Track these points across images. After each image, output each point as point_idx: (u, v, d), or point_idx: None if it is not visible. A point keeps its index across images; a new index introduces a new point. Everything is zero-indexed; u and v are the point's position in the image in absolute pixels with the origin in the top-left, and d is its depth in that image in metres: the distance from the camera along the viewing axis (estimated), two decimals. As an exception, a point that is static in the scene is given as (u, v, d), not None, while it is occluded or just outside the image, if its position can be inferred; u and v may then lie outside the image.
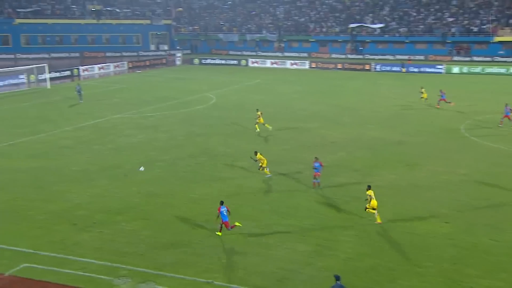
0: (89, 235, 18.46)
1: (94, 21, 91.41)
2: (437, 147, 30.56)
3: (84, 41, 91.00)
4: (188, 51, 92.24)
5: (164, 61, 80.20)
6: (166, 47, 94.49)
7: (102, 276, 15.64)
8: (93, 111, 40.89)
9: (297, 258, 17.03)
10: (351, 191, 23.19)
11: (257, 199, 22.24)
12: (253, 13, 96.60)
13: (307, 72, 69.74)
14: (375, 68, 70.33)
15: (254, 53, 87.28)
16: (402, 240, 18.30)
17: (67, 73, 62.99)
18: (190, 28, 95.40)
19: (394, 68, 69.72)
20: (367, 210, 19.88)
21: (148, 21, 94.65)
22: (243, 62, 77.77)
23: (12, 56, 79.59)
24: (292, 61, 76.49)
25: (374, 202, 19.67)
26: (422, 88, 44.99)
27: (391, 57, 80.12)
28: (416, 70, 68.59)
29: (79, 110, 41.09)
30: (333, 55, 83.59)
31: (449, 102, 41.88)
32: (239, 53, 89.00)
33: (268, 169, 25.29)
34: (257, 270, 16.22)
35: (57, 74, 60.79)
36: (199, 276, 15.80)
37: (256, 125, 34.05)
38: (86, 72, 65.71)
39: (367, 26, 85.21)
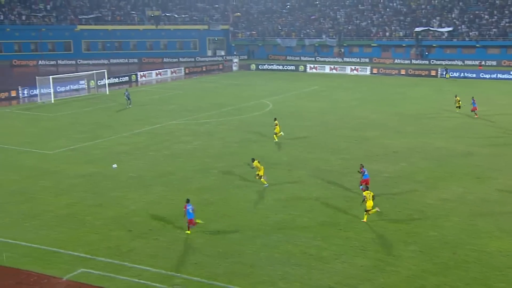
0: (144, 242, 18.94)
1: (153, 27, 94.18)
2: (509, 159, 29.26)
3: (143, 47, 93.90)
4: (245, 57, 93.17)
5: (220, 66, 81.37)
6: (223, 53, 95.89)
7: (157, 284, 15.98)
8: (150, 117, 42.04)
9: (355, 273, 16.75)
10: (413, 204, 22.61)
11: (315, 210, 22.08)
12: (313, 17, 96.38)
13: (368, 79, 68.74)
14: (442, 74, 68.33)
15: (312, 59, 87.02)
16: (470, 258, 17.61)
17: (126, 78, 65.15)
18: (248, 33, 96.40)
19: (464, 74, 67.55)
20: (367, 212, 20.63)
21: (205, 27, 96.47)
22: (301, 67, 77.67)
23: (73, 62, 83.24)
24: (352, 67, 75.64)
25: (370, 203, 20.47)
26: (456, 96, 43.47)
27: (459, 63, 77.70)
28: (488, 76, 66.12)
29: (136, 116, 42.36)
30: (396, 61, 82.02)
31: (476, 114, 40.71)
32: (297, 58, 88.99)
33: (265, 177, 24.94)
34: (313, 284, 16.08)
35: (116, 80, 62.99)
36: (253, 287, 15.84)
37: (274, 135, 33.71)
38: (143, 78, 67.73)
39: (434, 30, 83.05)
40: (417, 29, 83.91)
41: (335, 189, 24.73)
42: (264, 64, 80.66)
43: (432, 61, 79.88)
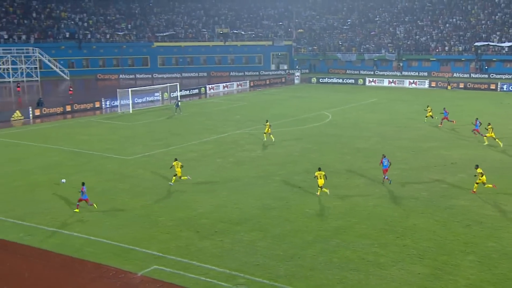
0: (210, 243, 19.18)
1: (221, 43, 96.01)
2: None
3: (212, 62, 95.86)
4: (307, 71, 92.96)
5: (283, 80, 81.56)
6: (285, 67, 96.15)
7: (222, 283, 16.12)
8: (217, 126, 42.73)
9: (413, 280, 16.17)
10: (471, 215, 21.60)
11: (372, 217, 21.57)
12: (373, 33, 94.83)
13: (426, 92, 66.64)
14: (502, 88, 65.17)
15: (371, 72, 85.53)
16: (530, 271, 16.56)
17: (195, 91, 66.64)
18: (310, 48, 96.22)
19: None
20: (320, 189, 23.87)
21: (270, 42, 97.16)
22: (360, 81, 76.47)
23: (149, 75, 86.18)
24: (411, 80, 73.59)
25: (320, 181, 24.02)
26: (428, 106, 44.17)
27: (519, 77, 73.90)
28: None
29: (205, 125, 43.18)
30: (456, 74, 79.05)
31: (452, 121, 41.24)
32: (356, 72, 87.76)
33: (189, 177, 26.26)
34: (370, 290, 15.67)
35: (187, 92, 64.55)
36: (312, 290, 15.64)
37: (264, 135, 36.11)
38: (212, 90, 69.00)
39: (494, 45, 79.47)
40: (477, 43, 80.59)
41: (393, 198, 24.06)
42: (325, 78, 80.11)
43: (492, 75, 76.37)
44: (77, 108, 51.72)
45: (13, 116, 46.52)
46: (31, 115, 47.61)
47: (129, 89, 53.02)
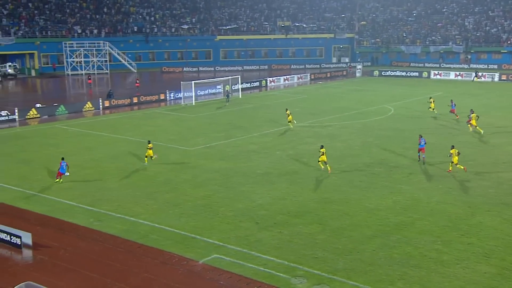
0: (269, 234, 19.29)
1: (283, 36, 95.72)
2: None
3: (273, 55, 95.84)
4: (369, 63, 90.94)
5: (344, 73, 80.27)
6: (347, 60, 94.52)
7: (281, 274, 16.18)
8: (278, 119, 42.72)
9: (478, 279, 15.51)
10: (544, 216, 20.37)
11: (435, 214, 20.87)
12: (439, 24, 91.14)
13: (496, 85, 63.37)
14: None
15: (437, 65, 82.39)
16: None
17: (256, 84, 66.91)
18: (372, 41, 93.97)
19: None
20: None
21: (331, 35, 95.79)
22: (425, 74, 73.87)
23: (212, 68, 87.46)
24: (479, 73, 70.17)
25: (323, 157, 26.67)
26: (430, 97, 44.14)
27: None
28: None
29: (265, 117, 43.33)
30: (528, 66, 74.65)
31: (456, 115, 40.76)
32: (421, 65, 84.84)
33: (156, 155, 28.08)
34: (433, 287, 15.19)
35: (248, 85, 64.95)
36: (371, 285, 15.38)
37: (289, 123, 37.93)
38: (272, 83, 69.05)
39: None
40: (552, 33, 75.59)
41: (458, 194, 23.15)
42: (387, 71, 78.04)
43: None
44: (143, 100, 53.43)
45: (84, 107, 48.78)
46: (101, 106, 49.70)
47: (192, 82, 54.06)
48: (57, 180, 25.87)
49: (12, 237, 18.52)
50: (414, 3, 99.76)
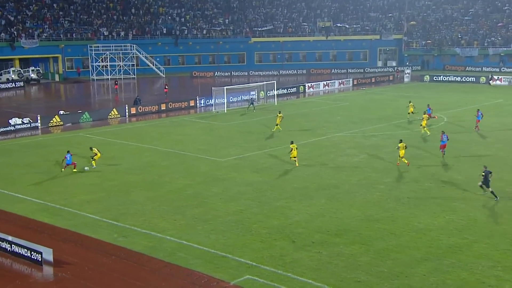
0: (307, 254, 19.18)
1: (323, 38, 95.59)
2: None
3: (312, 58, 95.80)
4: (418, 68, 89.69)
5: (391, 78, 79.42)
6: (394, 63, 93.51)
7: (318, 298, 16.05)
8: (315, 128, 42.60)
9: (541, 313, 14.98)
10: None
11: (495, 236, 20.32)
12: (500, 24, 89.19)
13: None
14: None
15: (497, 69, 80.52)
16: None
17: (293, 90, 66.95)
18: (423, 42, 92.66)
19: None
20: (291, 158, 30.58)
21: (377, 36, 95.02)
22: (482, 79, 72.29)
23: (245, 73, 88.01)
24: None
25: (294, 153, 30.59)
26: (410, 102, 45.88)
27: None
28: None
29: (302, 127, 43.26)
30: None
31: (434, 116, 42.67)
32: (478, 69, 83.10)
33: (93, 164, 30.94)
34: (489, 320, 14.75)
35: (284, 91, 65.05)
36: (419, 315, 15.07)
37: (276, 127, 40.58)
38: (311, 89, 68.94)
39: None
40: None
41: (519, 215, 22.48)
42: (440, 75, 76.78)
43: None
44: (172, 107, 54.25)
45: (110, 114, 49.92)
46: (127, 114, 50.75)
47: (224, 88, 54.57)
48: (63, 170, 30.20)
49: (32, 252, 19.02)
50: (471, 1, 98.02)
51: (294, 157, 30.77)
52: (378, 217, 22.67)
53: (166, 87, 65.51)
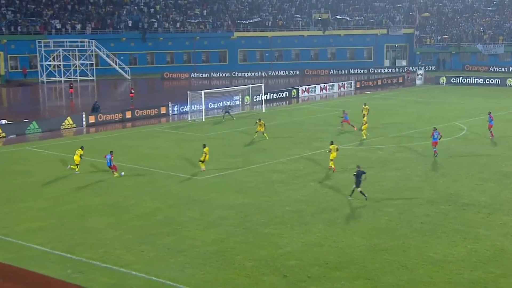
0: (301, 292, 19.13)
1: (320, 33, 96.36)
2: None
3: (307, 57, 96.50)
4: (433, 68, 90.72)
5: (400, 80, 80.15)
6: (404, 63, 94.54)
7: None
8: (311, 140, 42.75)
9: None
10: None
11: (523, 269, 20.46)
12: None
13: None
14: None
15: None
16: None
17: (285, 94, 67.21)
18: (438, 38, 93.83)
19: None
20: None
21: (383, 31, 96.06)
22: (509, 81, 73.30)
23: (227, 74, 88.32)
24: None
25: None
26: (365, 104, 49.07)
27: None
28: None
29: (297, 139, 43.38)
30: None
31: (353, 126, 45.38)
32: (504, 69, 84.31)
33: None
34: None
35: (274, 96, 65.31)
36: None
37: (256, 134, 42.76)
38: (305, 93, 69.24)
39: None
40: None
41: (554, 242, 22.69)
42: (458, 77, 77.65)
43: None
44: (139, 115, 54.14)
45: (63, 123, 49.65)
46: (84, 123, 50.53)
47: (202, 92, 54.59)
48: (116, 174, 33.17)
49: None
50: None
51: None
52: (386, 246, 22.71)
53: (132, 91, 65.55)
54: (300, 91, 68.97)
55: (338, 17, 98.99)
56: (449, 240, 23.18)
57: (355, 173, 28.12)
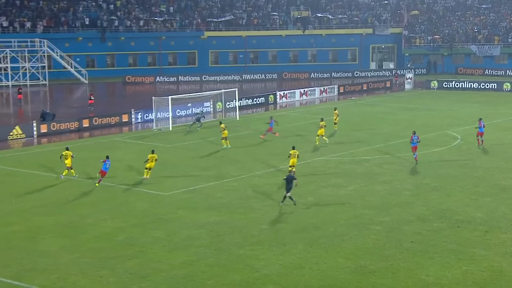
0: (279, 320, 19.09)
1: (299, 32, 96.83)
2: None
3: (285, 58, 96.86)
4: (423, 71, 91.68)
5: (388, 84, 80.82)
6: (392, 65, 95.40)
7: None
8: (289, 150, 42.73)
9: None
10: None
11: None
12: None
13: None
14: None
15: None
16: None
17: (261, 100, 67.30)
18: (429, 38, 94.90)
19: None
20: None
21: (369, 30, 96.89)
22: (507, 86, 74.32)
23: (197, 78, 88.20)
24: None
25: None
26: (335, 109, 50.68)
27: None
28: None
29: (273, 149, 43.42)
30: None
31: (275, 133, 47.00)
32: (500, 72, 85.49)
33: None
34: None
35: (249, 102, 65.38)
36: None
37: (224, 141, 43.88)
38: (284, 99, 69.43)
39: None
40: None
41: (556, 262, 22.98)
42: (451, 81, 78.58)
43: None
44: (98, 124, 53.75)
45: (11, 133, 49.04)
46: (35, 133, 49.98)
47: (169, 97, 54.42)
48: (97, 184, 33.59)
49: None
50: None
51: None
52: (373, 268, 22.78)
53: (92, 97, 64.66)
54: (278, 97, 69.17)
55: (319, 15, 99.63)
56: (443, 261, 23.31)
57: (285, 178, 30.30)
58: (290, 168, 34.65)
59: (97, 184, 33.76)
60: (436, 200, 30.93)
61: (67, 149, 36.18)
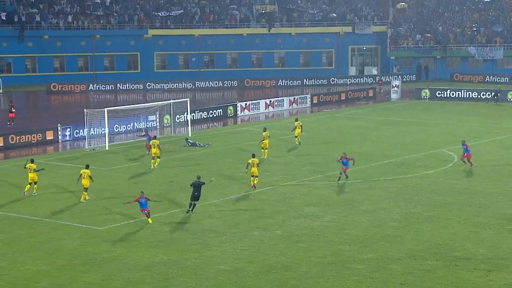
0: None
1: (264, 31, 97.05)
2: None
3: (247, 63, 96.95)
4: (413, 77, 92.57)
5: (370, 93, 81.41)
6: (375, 71, 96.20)
7: None
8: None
9: None
10: None
11: None
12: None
13: None
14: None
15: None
16: None
17: (218, 112, 67.18)
18: (418, 36, 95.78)
19: None
20: None
21: (348, 29, 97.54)
22: (511, 95, 75.46)
23: (140, 85, 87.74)
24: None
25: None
26: (297, 120, 53.44)
27: None
28: None
29: (233, 172, 43.42)
30: None
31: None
32: (503, 79, 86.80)
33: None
34: None
35: (204, 114, 65.24)
36: None
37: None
38: (246, 112, 69.42)
39: None
40: None
41: None
42: (446, 90, 79.47)
43: None
44: (16, 142, 53.10)
45: None
46: None
47: (105, 109, 54.00)
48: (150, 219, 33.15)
49: None
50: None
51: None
52: (355, 316, 22.89)
53: (13, 110, 63.49)
54: (239, 109, 69.17)
55: (288, 8, 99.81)
56: (437, 306, 23.54)
57: (191, 184, 33.29)
58: (253, 179, 38.60)
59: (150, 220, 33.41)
60: (430, 233, 31.09)
61: (32, 161, 37.64)
